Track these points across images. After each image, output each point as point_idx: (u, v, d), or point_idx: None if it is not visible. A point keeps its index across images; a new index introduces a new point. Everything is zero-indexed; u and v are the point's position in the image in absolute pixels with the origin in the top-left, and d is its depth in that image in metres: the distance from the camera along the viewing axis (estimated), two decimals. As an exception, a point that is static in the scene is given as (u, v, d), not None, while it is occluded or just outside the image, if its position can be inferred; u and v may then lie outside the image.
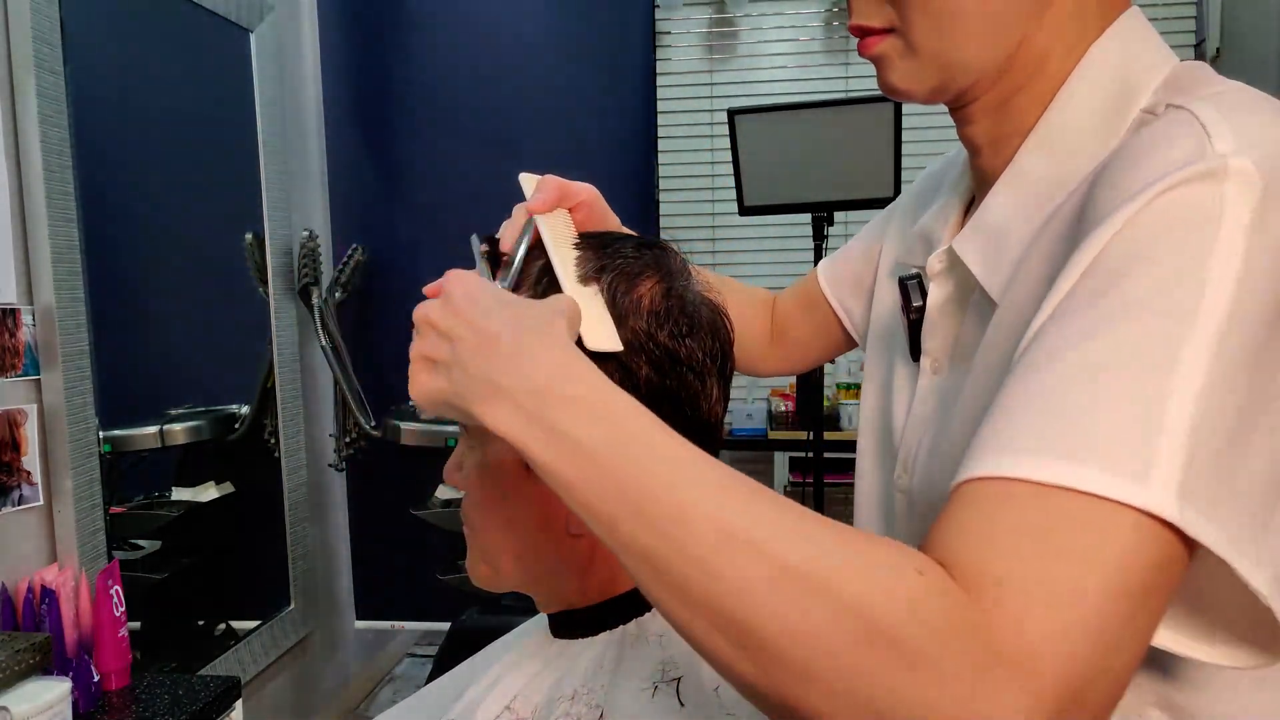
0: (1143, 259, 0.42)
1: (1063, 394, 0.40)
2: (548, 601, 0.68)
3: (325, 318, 2.26)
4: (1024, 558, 0.37)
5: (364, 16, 2.40)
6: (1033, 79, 0.56)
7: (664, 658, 0.61)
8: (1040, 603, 0.36)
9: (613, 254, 0.62)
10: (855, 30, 0.59)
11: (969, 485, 0.41)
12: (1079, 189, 0.52)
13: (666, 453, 0.43)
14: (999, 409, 0.42)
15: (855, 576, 0.37)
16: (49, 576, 1.33)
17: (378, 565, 2.54)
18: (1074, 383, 0.40)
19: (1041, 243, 0.52)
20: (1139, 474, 0.38)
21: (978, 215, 0.59)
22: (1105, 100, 0.54)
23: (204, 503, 1.96)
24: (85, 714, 1.29)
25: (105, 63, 1.73)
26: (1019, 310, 0.52)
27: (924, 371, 0.66)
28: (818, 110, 1.94)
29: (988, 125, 0.59)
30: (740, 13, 2.68)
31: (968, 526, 0.39)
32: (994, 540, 0.38)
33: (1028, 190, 0.56)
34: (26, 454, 1.39)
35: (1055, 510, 0.38)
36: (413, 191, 2.45)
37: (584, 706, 0.60)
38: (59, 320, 1.42)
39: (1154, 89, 0.53)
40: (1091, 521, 0.38)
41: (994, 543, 0.38)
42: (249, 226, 2.10)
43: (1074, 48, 0.55)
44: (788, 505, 0.41)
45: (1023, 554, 0.37)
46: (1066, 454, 0.39)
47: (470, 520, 0.67)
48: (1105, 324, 0.41)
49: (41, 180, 1.40)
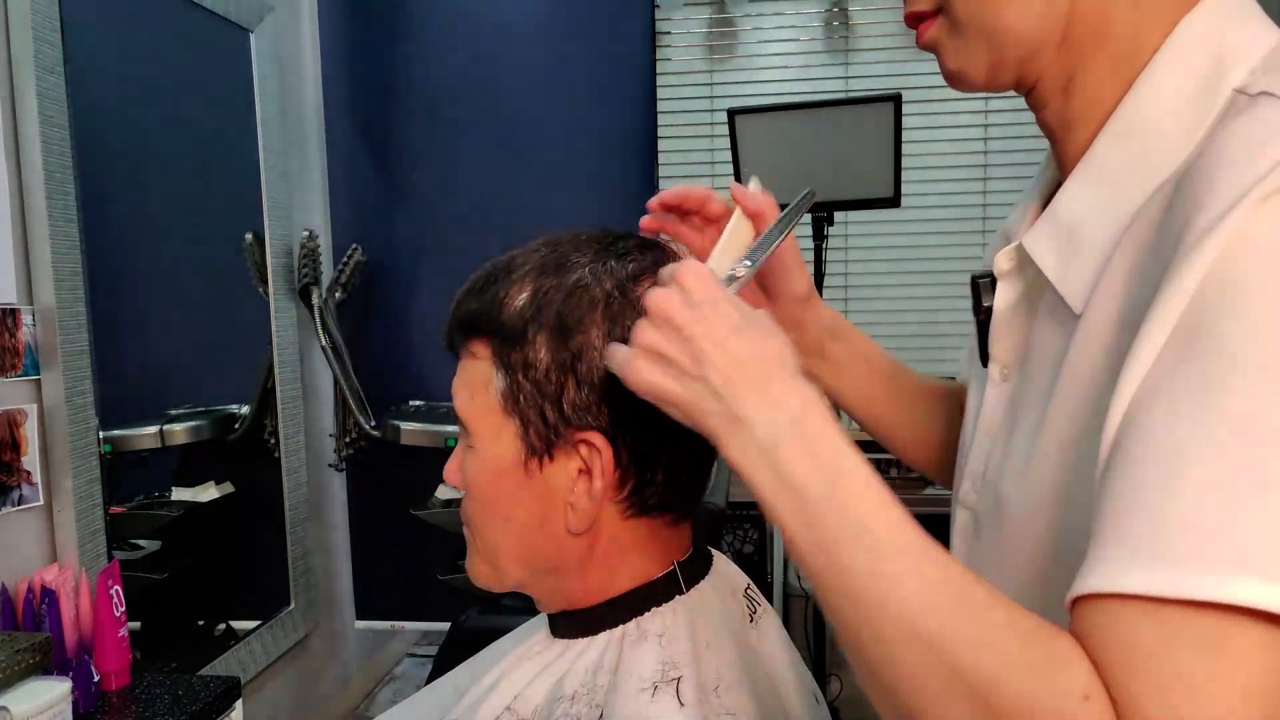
0: (1242, 300, 0.37)
1: (1180, 492, 0.37)
2: (548, 601, 0.68)
3: (325, 318, 2.26)
4: (1187, 697, 0.36)
5: (364, 16, 2.40)
6: (1097, 50, 0.51)
7: (664, 658, 0.61)
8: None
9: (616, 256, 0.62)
10: (909, 20, 0.57)
11: (1109, 601, 0.38)
12: (1165, 187, 0.47)
13: (875, 521, 0.45)
14: (1131, 503, 0.39)
15: (1021, 688, 0.38)
16: (49, 576, 1.33)
17: (378, 565, 2.54)
18: (1187, 477, 0.37)
19: (1127, 251, 0.47)
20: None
21: (1049, 209, 0.54)
22: (1194, 80, 0.48)
23: (204, 503, 1.96)
24: (85, 714, 1.28)
25: (105, 63, 1.72)
26: (1107, 328, 0.47)
27: (992, 379, 0.61)
28: (818, 110, 1.94)
29: (1058, 106, 0.54)
30: (740, 13, 2.68)
31: (1131, 651, 0.37)
32: (1164, 675, 0.36)
33: (1106, 183, 0.50)
34: (26, 454, 1.39)
35: (1213, 636, 0.36)
36: (413, 191, 2.45)
37: (584, 707, 0.60)
38: (59, 320, 1.42)
39: (1250, 67, 0.46)
40: (1260, 646, 0.35)
41: (1164, 678, 0.36)
42: (249, 226, 2.10)
43: (1153, 17, 0.50)
44: (973, 597, 0.42)
45: (1185, 692, 0.36)
46: (1228, 566, 0.35)
47: (470, 520, 0.67)
48: (1211, 395, 0.37)
49: (41, 180, 1.40)
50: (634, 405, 0.56)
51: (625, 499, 0.63)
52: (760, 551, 3.05)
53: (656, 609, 0.64)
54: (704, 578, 0.68)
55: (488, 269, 0.65)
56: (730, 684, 0.61)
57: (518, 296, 0.61)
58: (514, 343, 0.61)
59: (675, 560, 0.66)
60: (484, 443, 0.63)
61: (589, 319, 0.60)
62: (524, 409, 0.61)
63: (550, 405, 0.60)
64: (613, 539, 0.64)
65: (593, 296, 0.60)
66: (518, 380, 0.61)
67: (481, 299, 0.63)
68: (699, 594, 0.66)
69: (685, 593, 0.65)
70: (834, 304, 2.92)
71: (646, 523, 0.64)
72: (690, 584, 0.66)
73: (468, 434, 0.65)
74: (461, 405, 0.65)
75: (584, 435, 0.60)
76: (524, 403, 0.61)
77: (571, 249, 0.63)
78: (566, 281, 0.61)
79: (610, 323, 0.60)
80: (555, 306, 0.60)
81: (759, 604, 0.71)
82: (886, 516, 0.45)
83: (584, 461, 0.61)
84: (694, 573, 0.67)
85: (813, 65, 2.67)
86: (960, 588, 0.42)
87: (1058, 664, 0.39)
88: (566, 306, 0.60)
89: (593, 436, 0.60)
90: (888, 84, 2.38)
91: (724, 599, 0.68)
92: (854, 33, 2.57)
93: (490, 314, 0.62)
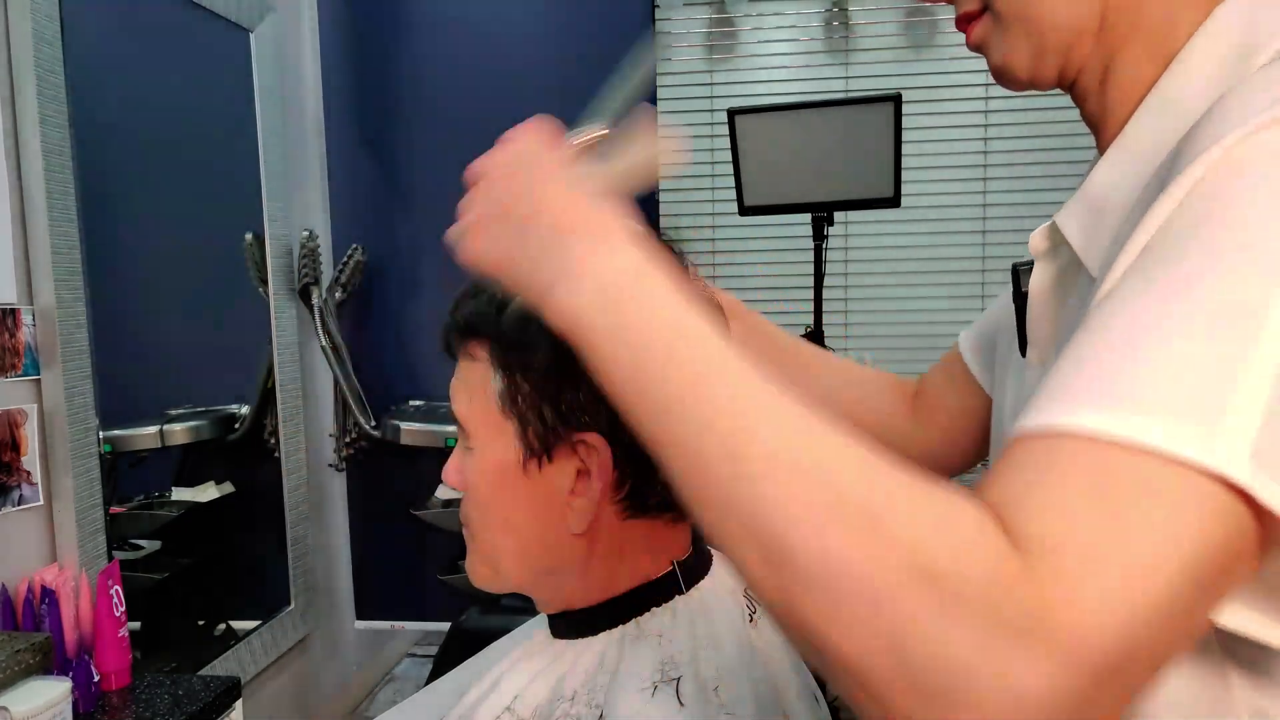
0: (1229, 203, 0.38)
1: (1134, 346, 0.37)
2: (548, 602, 0.68)
3: (325, 318, 2.26)
4: (1083, 523, 0.34)
5: (364, 16, 2.40)
6: (1133, 38, 0.52)
7: (664, 658, 0.61)
8: (1094, 576, 0.33)
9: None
10: (960, 23, 0.57)
11: (1027, 438, 0.38)
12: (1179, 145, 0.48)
13: (731, 357, 0.42)
14: (1065, 360, 0.39)
15: (910, 514, 0.36)
16: (49, 576, 1.33)
17: (378, 565, 2.54)
18: (1147, 335, 0.37)
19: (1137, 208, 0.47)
20: (1207, 430, 0.34)
21: (1082, 187, 0.54)
22: (1226, 60, 0.49)
23: (204, 503, 1.96)
24: (85, 714, 1.28)
25: (105, 63, 1.73)
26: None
27: (1030, 365, 0.59)
28: (818, 110, 1.94)
29: (1098, 97, 0.55)
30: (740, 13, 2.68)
31: (1024, 482, 0.37)
32: (1051, 501, 0.35)
33: (1133, 157, 0.51)
34: (26, 454, 1.39)
35: (1118, 470, 0.35)
36: (413, 191, 2.45)
37: (584, 707, 0.61)
38: (59, 320, 1.42)
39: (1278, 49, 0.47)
40: (1158, 488, 0.34)
41: (1051, 504, 0.35)
42: (249, 226, 2.10)
43: (1186, 3, 0.51)
44: (845, 430, 0.39)
45: (1081, 519, 0.34)
46: (1130, 406, 0.35)
47: (470, 522, 0.67)
48: (1186, 277, 0.38)
49: (41, 180, 1.40)
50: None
51: (624, 499, 0.63)
52: (760, 551, 3.05)
53: (656, 609, 0.64)
54: (704, 577, 0.68)
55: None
56: (729, 683, 0.61)
57: (515, 298, 0.61)
58: (512, 344, 0.61)
59: (675, 560, 0.66)
60: (483, 444, 0.63)
61: None
62: (522, 410, 0.61)
63: (549, 406, 0.60)
64: (612, 539, 0.64)
65: None
66: (516, 382, 0.61)
67: (479, 301, 0.63)
68: (699, 594, 0.66)
69: (685, 592, 0.65)
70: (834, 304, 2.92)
71: (646, 522, 0.64)
72: (690, 584, 0.66)
73: (466, 436, 0.65)
74: (460, 407, 0.65)
75: (582, 436, 0.60)
76: (522, 404, 0.61)
77: None
78: None
79: None
80: None
81: (759, 604, 0.71)
82: (740, 357, 0.42)
83: (583, 462, 0.61)
84: (694, 572, 0.67)
85: (813, 65, 2.67)
86: (828, 421, 0.40)
87: (953, 490, 0.37)
88: None
89: (591, 437, 0.60)
90: (888, 84, 2.38)
91: (724, 599, 0.68)
92: (854, 33, 2.57)
93: (488, 316, 0.62)
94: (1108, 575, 0.33)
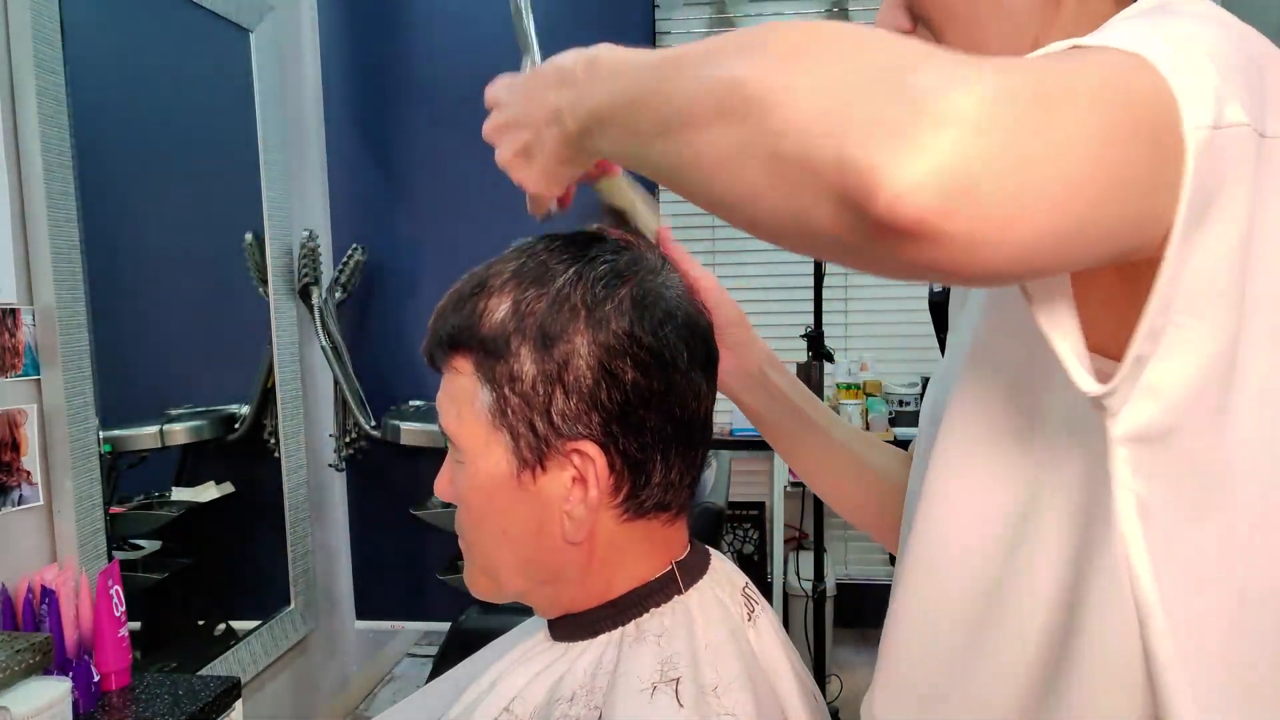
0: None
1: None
2: (547, 608, 0.68)
3: (325, 318, 2.26)
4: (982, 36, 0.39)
5: (364, 16, 2.40)
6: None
7: (663, 659, 0.61)
8: (987, 72, 0.33)
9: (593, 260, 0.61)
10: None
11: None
12: None
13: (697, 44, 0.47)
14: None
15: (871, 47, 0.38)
16: (49, 576, 1.33)
17: (378, 565, 2.54)
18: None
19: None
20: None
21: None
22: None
23: (204, 503, 1.96)
24: (85, 714, 1.29)
25: (105, 63, 1.73)
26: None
27: (956, 328, 0.62)
28: (818, 110, 1.93)
29: None
30: (740, 13, 2.68)
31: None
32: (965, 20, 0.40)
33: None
34: (26, 454, 1.39)
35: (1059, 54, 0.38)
36: (413, 191, 2.45)
37: (583, 708, 0.60)
38: (59, 320, 1.42)
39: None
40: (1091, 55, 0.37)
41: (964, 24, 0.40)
42: (249, 226, 2.10)
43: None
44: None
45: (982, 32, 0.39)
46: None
47: (465, 534, 0.67)
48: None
49: (41, 180, 1.40)
50: (624, 410, 0.56)
51: (621, 503, 0.62)
52: (760, 551, 3.05)
53: (655, 610, 0.64)
54: (702, 577, 0.68)
55: (465, 282, 0.64)
56: (729, 684, 0.61)
57: (498, 309, 0.60)
58: (497, 356, 0.60)
59: (673, 560, 0.66)
60: (474, 458, 0.63)
61: (572, 327, 0.59)
62: (512, 422, 0.60)
63: (539, 417, 0.60)
64: (610, 544, 0.63)
65: (574, 304, 0.59)
66: (504, 394, 0.60)
67: (461, 313, 0.62)
68: (697, 594, 0.66)
69: (683, 593, 0.65)
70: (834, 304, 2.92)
71: (643, 524, 0.64)
72: (688, 584, 0.66)
73: (457, 449, 0.65)
74: (448, 421, 0.65)
75: (576, 444, 0.60)
76: (512, 416, 0.60)
77: (548, 256, 0.62)
78: (547, 291, 0.60)
79: (594, 328, 0.59)
80: (537, 317, 0.59)
81: (757, 603, 0.71)
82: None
83: (577, 470, 0.61)
84: (692, 572, 0.67)
85: (813, 65, 2.67)
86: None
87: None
88: (548, 316, 0.59)
89: (585, 445, 0.60)
90: (888, 84, 2.38)
91: (722, 599, 0.68)
92: (854, 33, 2.57)
93: (471, 328, 0.61)
94: (991, 83, 0.34)
